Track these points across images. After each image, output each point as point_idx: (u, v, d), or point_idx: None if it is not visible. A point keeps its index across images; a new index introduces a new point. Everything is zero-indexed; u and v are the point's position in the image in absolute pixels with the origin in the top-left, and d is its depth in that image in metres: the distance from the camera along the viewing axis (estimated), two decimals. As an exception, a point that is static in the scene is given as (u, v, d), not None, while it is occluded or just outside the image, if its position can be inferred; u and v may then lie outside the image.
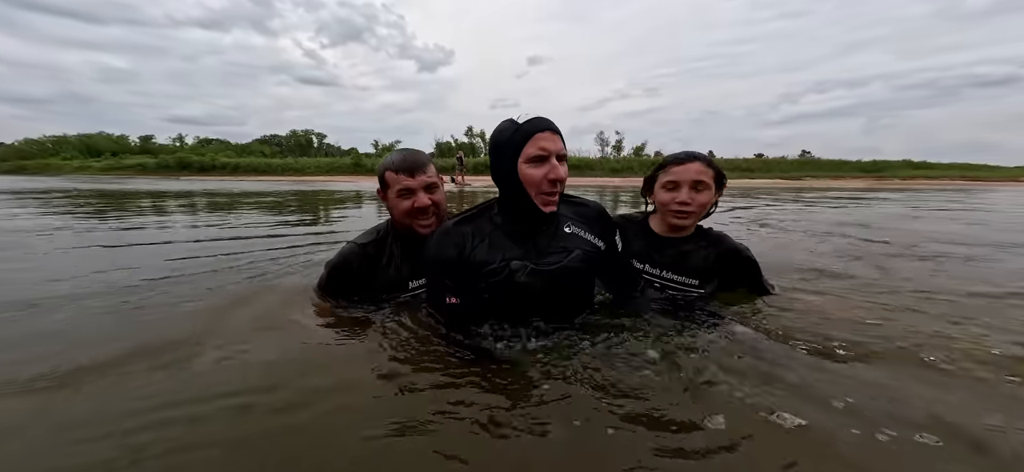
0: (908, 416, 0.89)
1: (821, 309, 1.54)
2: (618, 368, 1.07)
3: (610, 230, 1.36)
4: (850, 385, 1.01)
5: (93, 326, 1.47)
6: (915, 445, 0.81)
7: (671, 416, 0.90)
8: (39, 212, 5.29)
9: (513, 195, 1.18)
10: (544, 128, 1.12)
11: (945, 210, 6.36)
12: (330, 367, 1.13)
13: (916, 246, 3.03)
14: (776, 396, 0.96)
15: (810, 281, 2.01)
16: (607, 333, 1.24)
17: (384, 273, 1.41)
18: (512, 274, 1.18)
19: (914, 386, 1.02)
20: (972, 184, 22.84)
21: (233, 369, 1.14)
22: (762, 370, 1.08)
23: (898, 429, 0.84)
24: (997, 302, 1.68)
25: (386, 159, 1.41)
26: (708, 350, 1.17)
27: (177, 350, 1.24)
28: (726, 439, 0.83)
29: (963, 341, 1.26)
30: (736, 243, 1.53)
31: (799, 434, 0.84)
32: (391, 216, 1.45)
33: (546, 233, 1.24)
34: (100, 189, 11.41)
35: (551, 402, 0.94)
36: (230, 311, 1.57)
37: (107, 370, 1.12)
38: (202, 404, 0.97)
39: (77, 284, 1.95)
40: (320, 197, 9.10)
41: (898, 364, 1.13)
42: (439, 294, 1.23)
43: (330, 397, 0.99)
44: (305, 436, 0.85)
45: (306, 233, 3.76)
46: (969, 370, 1.09)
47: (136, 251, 2.88)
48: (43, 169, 38.99)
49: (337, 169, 32.99)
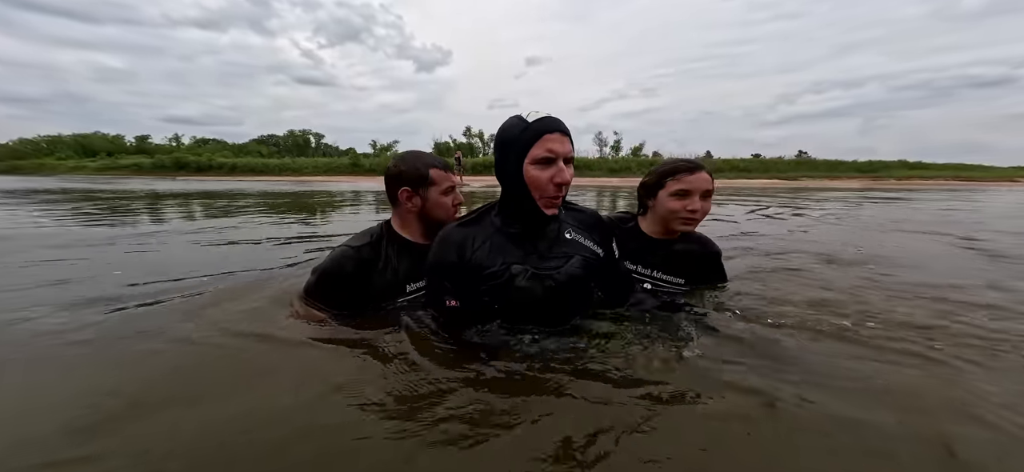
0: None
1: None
2: (615, 367, 1.08)
3: (608, 236, 1.37)
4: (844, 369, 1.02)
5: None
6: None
7: (670, 412, 0.90)
8: (62, 213, 5.25)
9: (516, 195, 1.17)
10: (554, 129, 1.10)
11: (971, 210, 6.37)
12: (334, 373, 1.11)
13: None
14: (774, 383, 0.97)
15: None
16: (603, 333, 1.25)
17: (381, 277, 1.38)
18: (513, 278, 1.18)
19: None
20: (967, 184, 22.99)
21: (233, 373, 1.13)
22: (756, 360, 1.09)
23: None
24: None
25: (421, 157, 1.42)
26: (703, 344, 1.19)
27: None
28: (726, 432, 0.83)
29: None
30: (714, 244, 1.67)
31: (805, 419, 0.85)
32: (422, 214, 1.42)
33: (547, 238, 1.24)
34: (117, 188, 11.32)
35: (549, 403, 0.94)
36: (230, 311, 1.56)
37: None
38: (209, 413, 0.96)
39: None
40: (343, 197, 9.07)
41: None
42: (439, 297, 1.23)
43: (332, 404, 0.98)
44: (310, 443, 0.85)
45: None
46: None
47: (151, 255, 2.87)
48: (38, 169, 38.76)
49: (335, 169, 32.94)
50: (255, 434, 0.87)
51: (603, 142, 45.31)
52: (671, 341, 1.21)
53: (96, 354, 1.27)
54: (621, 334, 1.25)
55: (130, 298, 1.73)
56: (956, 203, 7.94)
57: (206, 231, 3.86)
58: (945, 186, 20.68)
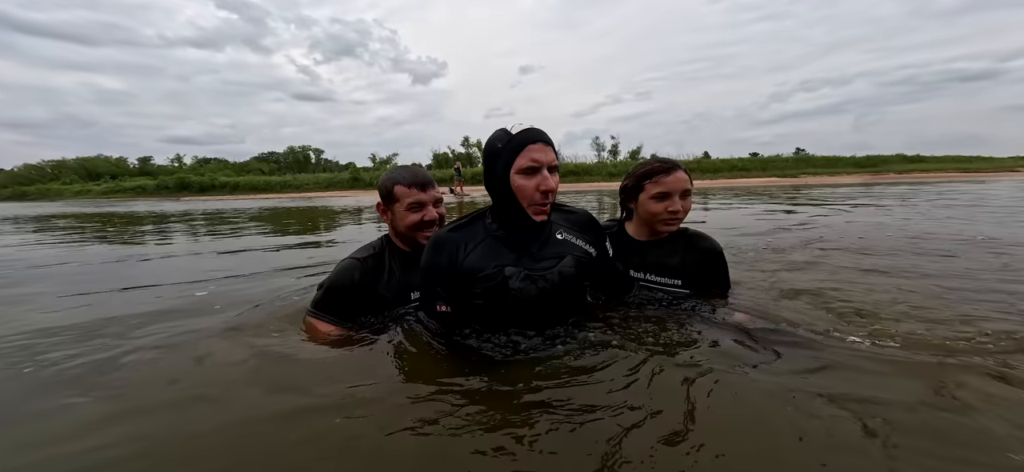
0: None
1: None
2: (611, 368, 1.09)
3: (600, 236, 1.38)
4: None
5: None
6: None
7: (667, 412, 0.91)
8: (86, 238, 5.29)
9: (505, 204, 1.21)
10: (536, 140, 1.15)
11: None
12: (337, 380, 1.14)
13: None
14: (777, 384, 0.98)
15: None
16: (597, 335, 1.26)
17: (386, 287, 1.44)
18: (506, 280, 1.20)
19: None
20: (972, 176, 22.87)
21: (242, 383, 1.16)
22: (752, 358, 1.11)
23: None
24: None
25: (392, 173, 1.46)
26: (700, 345, 1.20)
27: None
28: (722, 432, 0.85)
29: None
30: (713, 241, 1.55)
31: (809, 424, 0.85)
32: (394, 229, 1.49)
33: (539, 240, 1.27)
34: (135, 211, 11.42)
35: (544, 404, 0.95)
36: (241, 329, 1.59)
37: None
38: (220, 418, 0.98)
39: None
40: (364, 213, 9.11)
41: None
42: (431, 302, 1.25)
43: (334, 411, 1.00)
44: (313, 447, 0.87)
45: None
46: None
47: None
48: (44, 195, 39.15)
49: (336, 184, 33.11)
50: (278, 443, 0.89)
51: (601, 146, 45.48)
52: (659, 342, 1.22)
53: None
54: (612, 335, 1.26)
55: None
56: (973, 189, 7.89)
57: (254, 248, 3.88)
58: (951, 178, 20.53)
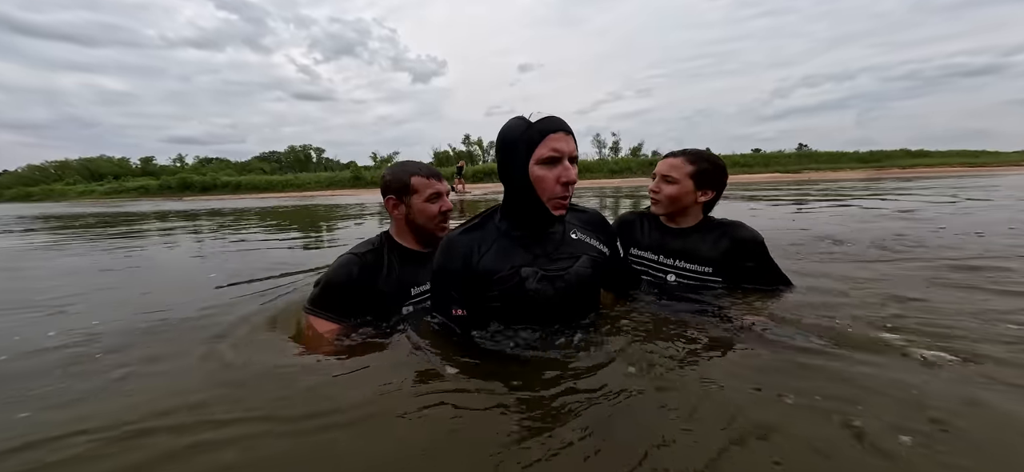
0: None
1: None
2: (627, 368, 1.06)
3: (611, 235, 1.37)
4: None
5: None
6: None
7: (688, 412, 0.87)
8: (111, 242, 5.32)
9: (523, 197, 1.15)
10: (558, 128, 1.09)
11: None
12: (337, 380, 1.12)
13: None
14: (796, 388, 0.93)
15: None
16: (610, 335, 1.23)
17: (385, 283, 1.41)
18: (523, 281, 1.17)
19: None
20: (978, 171, 22.54)
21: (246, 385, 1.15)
22: (777, 363, 1.05)
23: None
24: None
25: (403, 165, 1.45)
26: (722, 344, 1.15)
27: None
28: (746, 435, 0.81)
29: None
30: (751, 231, 1.51)
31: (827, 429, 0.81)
32: (409, 223, 1.46)
33: (553, 239, 1.23)
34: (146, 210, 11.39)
35: (564, 405, 0.93)
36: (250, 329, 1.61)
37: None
38: (221, 419, 1.00)
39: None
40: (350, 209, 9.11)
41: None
42: (445, 305, 1.21)
43: (343, 413, 0.98)
44: (313, 447, 0.88)
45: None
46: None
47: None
48: (48, 195, 39.31)
49: (337, 183, 32.98)
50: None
51: (602, 144, 45.32)
52: (677, 342, 1.17)
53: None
54: (629, 333, 1.23)
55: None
56: (988, 181, 7.77)
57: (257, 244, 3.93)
58: (958, 173, 19.97)
